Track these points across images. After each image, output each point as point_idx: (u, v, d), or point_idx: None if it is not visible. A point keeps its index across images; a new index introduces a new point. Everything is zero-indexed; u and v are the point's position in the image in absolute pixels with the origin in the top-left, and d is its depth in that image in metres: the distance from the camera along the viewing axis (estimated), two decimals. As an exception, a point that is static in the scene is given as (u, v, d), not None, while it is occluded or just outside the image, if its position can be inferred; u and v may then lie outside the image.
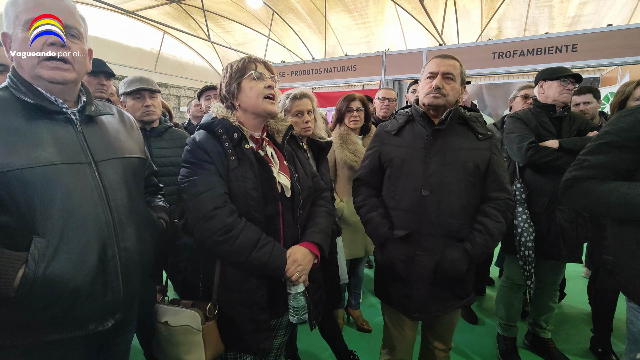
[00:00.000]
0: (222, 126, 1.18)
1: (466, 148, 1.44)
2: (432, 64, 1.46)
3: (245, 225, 1.14)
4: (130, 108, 1.82)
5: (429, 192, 1.40)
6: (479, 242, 1.38)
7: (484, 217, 1.42)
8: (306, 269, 1.21)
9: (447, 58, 1.45)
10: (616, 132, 1.14)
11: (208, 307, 1.17)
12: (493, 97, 6.06)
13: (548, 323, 2.24)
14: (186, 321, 1.17)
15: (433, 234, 1.41)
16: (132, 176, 1.09)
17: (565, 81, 1.98)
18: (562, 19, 7.04)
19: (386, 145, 1.56)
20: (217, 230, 1.11)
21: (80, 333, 0.95)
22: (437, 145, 1.44)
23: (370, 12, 7.77)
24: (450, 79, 1.43)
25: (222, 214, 1.12)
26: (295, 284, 1.20)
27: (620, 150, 1.12)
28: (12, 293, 0.81)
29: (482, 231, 1.39)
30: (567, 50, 4.21)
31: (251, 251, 1.12)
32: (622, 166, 1.12)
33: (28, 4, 0.89)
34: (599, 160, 1.15)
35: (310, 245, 1.25)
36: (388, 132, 1.58)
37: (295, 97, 1.76)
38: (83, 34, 0.99)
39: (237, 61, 1.24)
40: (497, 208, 1.44)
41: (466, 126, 1.49)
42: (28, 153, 0.86)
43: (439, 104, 1.43)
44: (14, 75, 0.93)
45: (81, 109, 1.00)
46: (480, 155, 1.45)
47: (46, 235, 0.85)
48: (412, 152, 1.47)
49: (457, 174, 1.41)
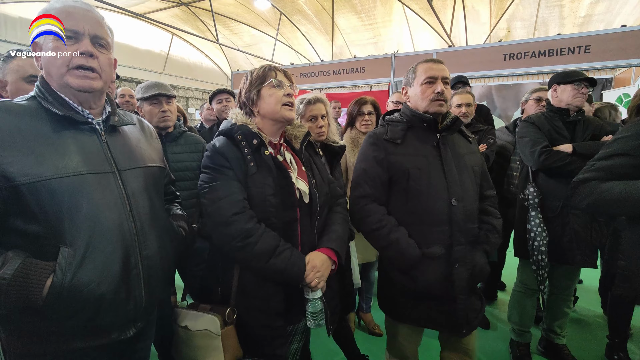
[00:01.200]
0: (241, 132, 1.20)
1: (467, 152, 1.48)
2: (427, 69, 1.42)
3: (265, 232, 1.15)
4: (147, 113, 1.84)
5: (457, 201, 1.36)
6: (492, 242, 1.44)
7: (489, 216, 1.49)
8: (324, 275, 1.21)
9: (439, 62, 1.45)
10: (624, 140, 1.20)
11: (227, 312, 1.19)
12: (503, 98, 6.00)
13: (562, 329, 2.21)
14: (206, 326, 1.19)
15: (463, 242, 1.38)
16: (152, 185, 1.11)
17: (579, 85, 1.96)
18: (573, 19, 6.94)
19: (394, 156, 1.42)
20: (236, 235, 1.12)
21: (103, 341, 0.96)
22: (448, 152, 1.43)
23: (378, 13, 7.75)
24: (447, 84, 1.44)
25: (241, 219, 1.13)
26: (314, 290, 1.20)
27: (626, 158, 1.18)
28: (41, 302, 0.82)
29: (492, 230, 1.46)
30: (579, 52, 4.16)
31: (270, 257, 1.13)
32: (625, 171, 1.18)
33: (60, 15, 0.91)
34: (604, 164, 1.22)
35: (328, 251, 1.25)
36: (390, 140, 1.43)
37: (310, 102, 1.76)
38: (110, 43, 1.01)
39: (258, 69, 1.26)
40: (493, 205, 1.53)
41: (458, 131, 1.53)
42: (56, 163, 0.87)
43: (443, 111, 1.43)
44: (42, 85, 0.95)
45: (105, 119, 1.02)
46: (477, 157, 1.52)
47: (73, 244, 0.87)
48: (427, 161, 1.40)
49: (471, 179, 1.44)
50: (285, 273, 1.15)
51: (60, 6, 0.92)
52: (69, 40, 0.91)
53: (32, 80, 1.44)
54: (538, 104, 2.65)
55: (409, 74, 1.51)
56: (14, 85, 1.44)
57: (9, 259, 0.81)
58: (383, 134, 1.47)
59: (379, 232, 1.39)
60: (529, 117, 2.12)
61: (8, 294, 0.79)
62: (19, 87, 1.43)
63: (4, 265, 0.80)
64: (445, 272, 1.37)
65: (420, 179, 1.38)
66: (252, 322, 1.22)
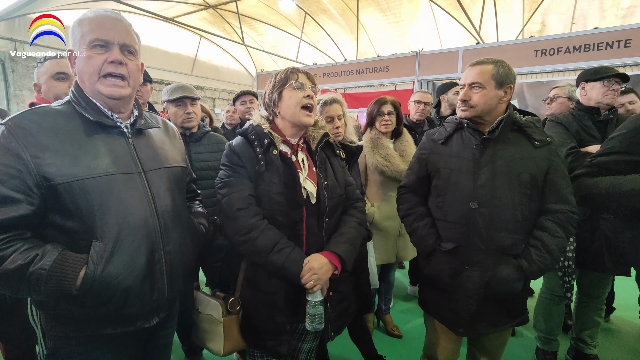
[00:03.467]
0: (254, 132, 1.25)
1: (520, 158, 1.34)
2: (464, 74, 1.44)
3: (267, 228, 1.19)
4: (173, 115, 1.93)
5: (478, 204, 1.33)
6: (535, 260, 1.30)
7: (542, 232, 1.32)
8: (322, 278, 1.20)
9: (476, 65, 1.39)
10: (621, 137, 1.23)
11: (230, 301, 1.23)
12: (535, 96, 5.72)
13: (593, 339, 2.11)
14: (210, 310, 1.26)
15: (483, 248, 1.34)
16: (175, 184, 1.17)
17: (609, 81, 1.85)
18: (615, 10, 6.48)
19: (433, 154, 1.52)
20: (239, 229, 1.18)
21: (129, 329, 1.04)
22: (487, 155, 1.36)
23: (404, 10, 7.61)
24: (478, 87, 1.36)
25: (246, 215, 1.18)
26: (312, 292, 1.20)
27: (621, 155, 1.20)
28: (75, 291, 0.90)
29: (540, 247, 1.30)
30: (619, 46, 3.90)
31: (268, 253, 1.17)
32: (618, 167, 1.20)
33: (92, 25, 0.98)
34: (600, 160, 1.23)
35: (330, 255, 1.24)
36: (435, 140, 1.54)
37: (326, 103, 1.78)
38: (138, 50, 1.07)
39: (281, 71, 1.30)
40: (557, 222, 1.32)
41: (520, 132, 1.38)
42: (88, 164, 0.95)
43: (468, 116, 1.40)
44: (76, 91, 1.02)
45: (133, 123, 1.09)
46: (537, 164, 1.34)
47: (104, 239, 0.94)
48: (460, 163, 1.41)
49: (509, 186, 1.32)
50: (283, 270, 1.17)
51: (92, 16, 1.00)
52: (100, 49, 0.98)
53: (60, 77, 1.60)
54: (550, 102, 2.56)
55: None
56: (46, 85, 1.61)
57: (47, 251, 0.89)
58: (434, 133, 1.59)
59: (406, 219, 1.59)
60: (557, 116, 2.03)
61: (47, 283, 0.87)
62: (49, 86, 1.60)
63: (44, 257, 0.88)
64: (456, 270, 1.40)
65: (447, 179, 1.44)
66: (258, 316, 1.26)
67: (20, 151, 0.88)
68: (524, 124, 1.38)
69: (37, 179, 0.89)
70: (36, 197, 0.90)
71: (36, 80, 1.63)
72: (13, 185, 0.87)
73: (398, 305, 3.02)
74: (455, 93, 2.94)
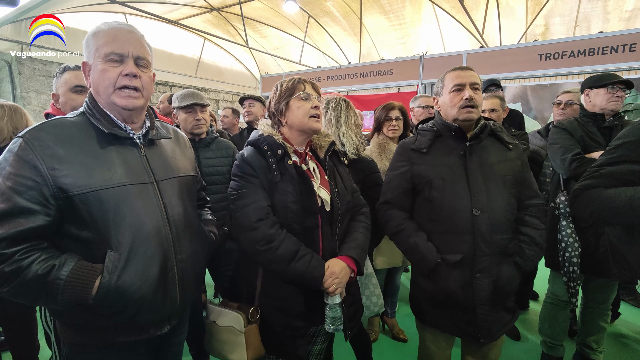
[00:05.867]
0: (267, 143, 1.26)
1: (500, 161, 1.42)
2: (454, 77, 1.42)
3: (286, 237, 1.20)
4: (183, 121, 1.96)
5: (479, 211, 1.35)
6: (528, 254, 1.37)
7: (527, 227, 1.41)
8: (342, 281, 1.25)
9: (467, 69, 1.43)
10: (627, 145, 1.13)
11: (250, 311, 1.26)
12: (539, 98, 5.73)
13: (599, 344, 2.11)
14: (230, 322, 1.27)
15: (488, 253, 1.36)
16: (186, 193, 1.19)
17: (613, 88, 1.86)
18: (619, 13, 6.47)
19: (418, 165, 1.47)
20: (259, 240, 1.18)
21: (142, 337, 1.05)
22: (474, 161, 1.40)
23: (407, 12, 7.62)
24: (477, 89, 1.40)
25: (265, 225, 1.19)
26: (333, 296, 1.24)
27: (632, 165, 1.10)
28: (91, 300, 0.92)
29: (529, 242, 1.38)
30: (623, 50, 3.90)
31: (290, 261, 1.18)
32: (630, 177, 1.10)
33: (107, 38, 1.00)
34: (608, 170, 1.14)
35: (347, 259, 1.29)
36: (417, 150, 1.48)
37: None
38: (150, 62, 1.09)
39: (287, 81, 1.31)
40: (536, 215, 1.43)
41: (494, 137, 1.46)
42: (102, 175, 0.96)
43: (474, 118, 1.40)
44: (91, 102, 1.04)
45: (145, 133, 1.11)
46: (514, 166, 1.44)
47: (118, 249, 0.95)
48: (450, 171, 1.41)
49: (499, 189, 1.38)
50: (304, 277, 1.19)
51: (107, 29, 1.01)
52: (115, 62, 1.00)
53: (78, 90, 1.60)
54: (558, 107, 2.56)
55: (438, 83, 1.51)
56: (64, 96, 1.61)
57: (64, 261, 0.91)
58: (411, 143, 1.53)
59: (399, 235, 1.49)
60: (561, 122, 2.04)
61: (64, 293, 0.89)
62: (67, 98, 1.60)
63: (61, 267, 0.90)
64: (466, 281, 1.38)
65: (442, 189, 1.40)
66: (274, 322, 1.28)
67: (38, 163, 0.90)
68: (494, 128, 1.46)
69: (53, 190, 0.91)
70: (52, 208, 0.91)
71: (54, 90, 1.64)
72: (30, 197, 0.88)
73: (403, 309, 3.02)
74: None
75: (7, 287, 0.86)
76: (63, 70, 1.62)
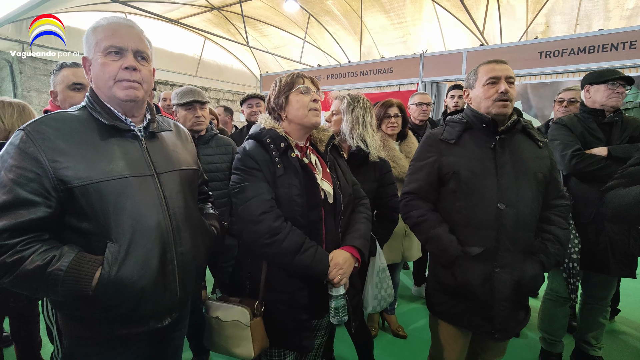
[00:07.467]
0: (269, 136, 1.26)
1: (533, 157, 1.39)
2: (489, 70, 1.39)
3: (291, 230, 1.20)
4: (182, 118, 1.96)
5: (505, 205, 1.33)
6: (552, 253, 1.36)
7: (552, 226, 1.39)
8: (347, 272, 1.26)
9: (502, 63, 1.40)
10: None
11: (256, 305, 1.26)
12: (539, 97, 5.73)
13: (598, 340, 2.12)
14: (236, 317, 1.27)
15: (511, 249, 1.34)
16: (187, 186, 1.19)
17: (614, 84, 1.86)
18: (620, 11, 6.44)
19: (447, 157, 1.44)
20: (264, 233, 1.18)
21: (143, 329, 1.06)
22: (506, 156, 1.37)
23: (407, 11, 7.61)
24: (512, 83, 1.38)
25: (269, 218, 1.19)
26: (337, 287, 1.25)
27: None
28: (91, 292, 0.92)
29: (554, 241, 1.37)
30: (623, 48, 3.90)
31: (295, 254, 1.18)
32: None
33: (106, 32, 1.01)
34: (630, 170, 1.15)
35: (351, 249, 1.29)
36: (445, 141, 1.46)
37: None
38: (150, 56, 1.10)
39: (286, 76, 1.32)
40: (562, 215, 1.43)
41: (525, 134, 1.44)
42: (103, 167, 0.97)
43: (508, 112, 1.38)
44: (92, 96, 1.05)
45: (146, 126, 1.12)
46: (545, 164, 1.42)
47: (118, 240, 0.96)
48: (480, 164, 1.38)
49: (530, 186, 1.36)
50: (310, 269, 1.20)
51: (106, 23, 1.02)
52: (115, 55, 1.01)
53: (76, 88, 1.60)
54: (560, 105, 2.56)
55: (470, 76, 1.49)
56: (62, 94, 1.61)
57: (65, 252, 0.92)
58: (439, 133, 1.51)
59: (421, 226, 1.47)
60: (561, 118, 2.04)
61: (64, 284, 0.90)
62: (65, 95, 1.60)
63: (61, 258, 0.90)
64: (486, 275, 1.35)
65: (470, 182, 1.38)
66: (279, 315, 1.28)
67: (39, 155, 0.90)
68: (526, 125, 1.44)
69: (54, 182, 0.92)
70: (54, 200, 0.92)
71: (52, 87, 1.64)
72: (32, 189, 0.89)
73: (403, 305, 3.03)
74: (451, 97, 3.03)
75: (8, 278, 0.88)
76: (60, 67, 1.61)
